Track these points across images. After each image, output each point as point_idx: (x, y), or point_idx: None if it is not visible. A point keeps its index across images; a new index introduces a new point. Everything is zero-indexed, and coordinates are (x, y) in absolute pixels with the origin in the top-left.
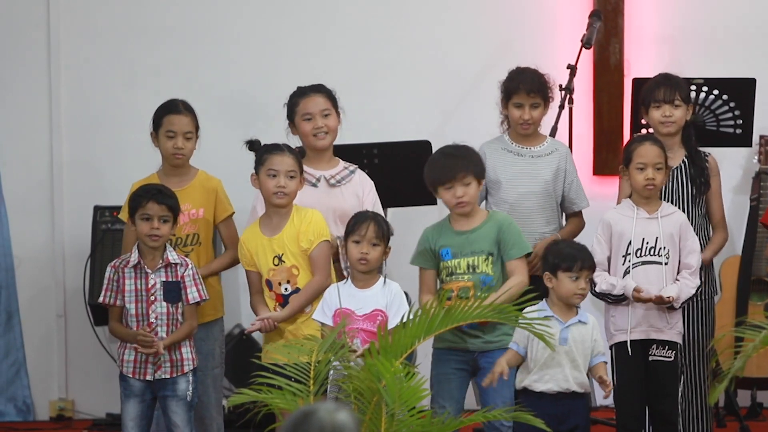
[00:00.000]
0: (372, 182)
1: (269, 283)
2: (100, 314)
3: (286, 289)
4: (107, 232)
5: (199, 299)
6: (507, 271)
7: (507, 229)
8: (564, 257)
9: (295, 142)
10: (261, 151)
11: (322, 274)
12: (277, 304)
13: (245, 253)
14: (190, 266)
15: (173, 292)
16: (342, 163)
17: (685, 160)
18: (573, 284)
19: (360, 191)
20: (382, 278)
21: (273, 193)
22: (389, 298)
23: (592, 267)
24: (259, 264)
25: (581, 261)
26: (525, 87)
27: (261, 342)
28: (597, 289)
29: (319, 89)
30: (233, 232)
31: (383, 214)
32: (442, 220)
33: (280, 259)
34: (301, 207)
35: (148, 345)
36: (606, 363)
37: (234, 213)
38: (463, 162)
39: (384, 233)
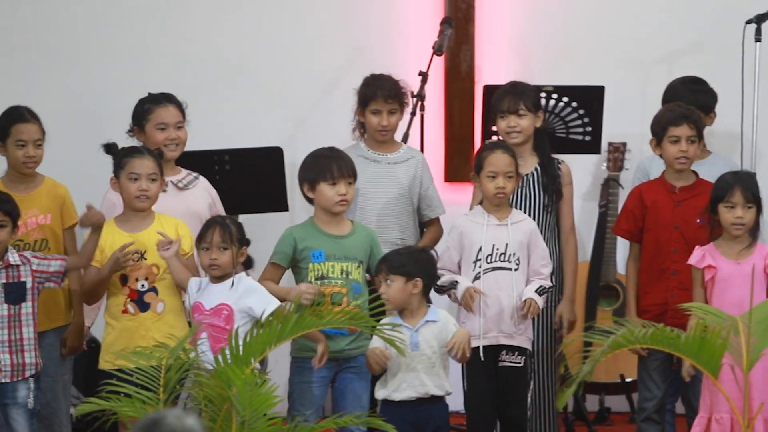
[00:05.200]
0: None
1: (124, 278)
2: None
3: (142, 285)
4: None
5: (63, 261)
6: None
7: (378, 242)
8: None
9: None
10: (120, 154)
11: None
12: (129, 299)
13: None
14: (31, 258)
15: (15, 293)
16: (184, 170)
17: (538, 167)
18: (383, 287)
19: (209, 196)
20: (235, 276)
21: (135, 197)
22: (240, 290)
23: (395, 272)
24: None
25: (382, 264)
26: (383, 93)
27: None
28: (438, 282)
29: (172, 99)
30: (76, 240)
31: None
32: (307, 222)
33: (141, 256)
34: (161, 213)
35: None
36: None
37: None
38: (344, 162)
39: (232, 236)
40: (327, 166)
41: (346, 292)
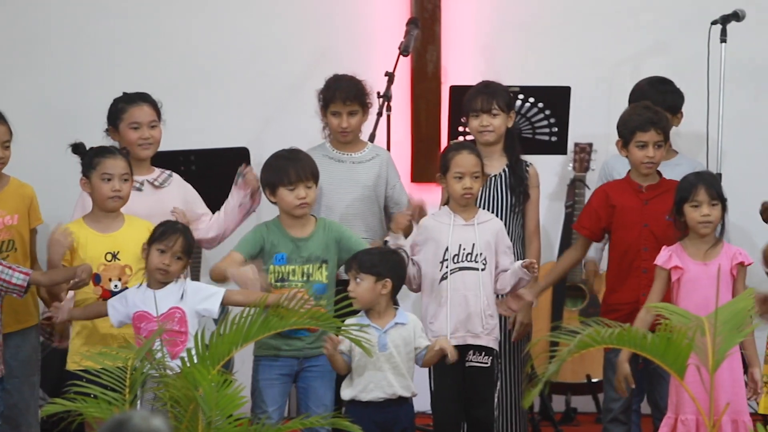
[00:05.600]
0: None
1: (97, 278)
2: None
3: (116, 285)
4: None
5: (26, 276)
6: None
7: (343, 232)
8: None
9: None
10: (90, 154)
11: None
12: (102, 299)
13: None
14: None
15: None
16: (157, 169)
17: (506, 168)
18: (352, 284)
19: (183, 192)
20: (178, 280)
21: (109, 197)
22: (190, 294)
23: (366, 271)
24: (83, 256)
25: (353, 262)
26: (341, 95)
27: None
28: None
29: (147, 98)
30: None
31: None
32: (274, 221)
33: (114, 256)
34: (130, 215)
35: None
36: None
37: (42, 222)
38: (302, 165)
39: (190, 249)
40: (285, 170)
41: (305, 292)
